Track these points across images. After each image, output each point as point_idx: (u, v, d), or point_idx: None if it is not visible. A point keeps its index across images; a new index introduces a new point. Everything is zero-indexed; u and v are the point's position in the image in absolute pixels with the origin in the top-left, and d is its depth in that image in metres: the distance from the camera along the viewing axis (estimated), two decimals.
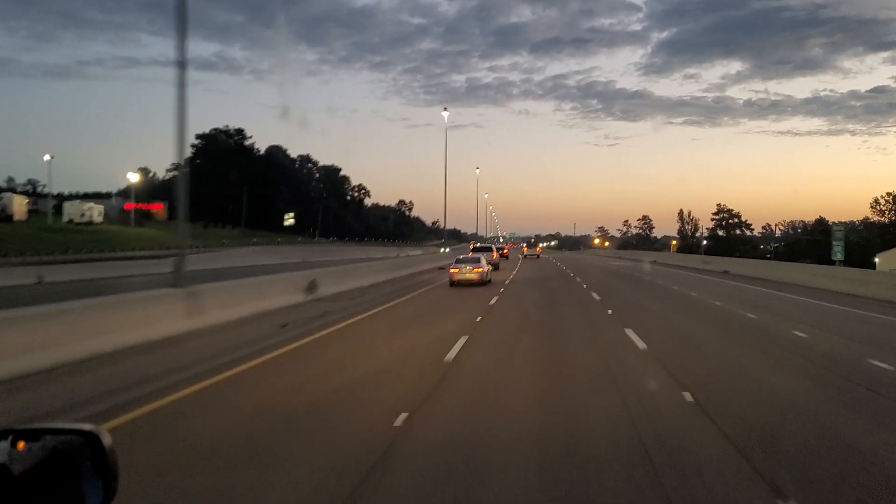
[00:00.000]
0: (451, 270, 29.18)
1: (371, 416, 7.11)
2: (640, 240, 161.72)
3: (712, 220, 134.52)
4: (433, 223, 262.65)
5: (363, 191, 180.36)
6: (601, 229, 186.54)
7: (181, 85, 14.32)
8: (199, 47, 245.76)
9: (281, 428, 6.68)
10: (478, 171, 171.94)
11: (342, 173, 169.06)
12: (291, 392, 8.35)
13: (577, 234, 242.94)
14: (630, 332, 13.53)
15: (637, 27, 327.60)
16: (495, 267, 39.54)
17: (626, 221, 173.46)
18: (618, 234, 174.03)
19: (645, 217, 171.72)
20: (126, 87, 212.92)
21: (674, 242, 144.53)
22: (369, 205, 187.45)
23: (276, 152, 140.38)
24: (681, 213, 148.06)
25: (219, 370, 9.53)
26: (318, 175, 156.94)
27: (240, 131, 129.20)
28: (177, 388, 8.34)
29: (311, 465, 5.46)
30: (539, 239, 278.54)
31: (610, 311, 18.24)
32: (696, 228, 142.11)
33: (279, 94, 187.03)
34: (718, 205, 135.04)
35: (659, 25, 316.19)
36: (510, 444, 6.07)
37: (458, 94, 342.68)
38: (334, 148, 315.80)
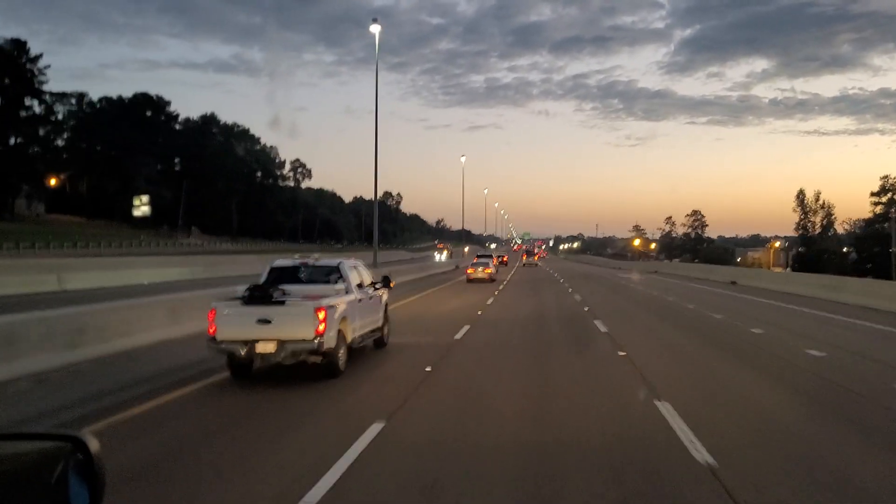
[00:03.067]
0: (468, 271, 38.25)
1: (468, 311, 19.03)
2: (695, 241, 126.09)
3: (873, 202, 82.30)
4: (438, 222, 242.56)
5: (300, 170, 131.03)
6: (636, 228, 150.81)
7: None
8: (217, 49, 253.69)
9: (426, 322, 18.55)
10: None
11: (265, 142, 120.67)
12: (423, 311, 20.26)
13: (600, 235, 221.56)
14: None
15: (660, 25, 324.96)
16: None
17: (670, 218, 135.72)
18: (656, 235, 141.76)
19: (696, 213, 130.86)
20: (145, 89, 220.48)
21: (776, 244, 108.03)
22: (349, 199, 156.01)
23: (142, 102, 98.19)
24: (800, 196, 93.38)
25: None
26: (220, 141, 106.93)
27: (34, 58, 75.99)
28: None
29: (445, 329, 16.73)
30: (559, 240, 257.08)
31: None
32: (829, 221, 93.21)
33: (270, 100, 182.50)
34: (885, 177, 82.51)
35: (682, 23, 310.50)
36: (519, 321, 17.93)
37: (476, 94, 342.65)
38: (350, 147, 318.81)
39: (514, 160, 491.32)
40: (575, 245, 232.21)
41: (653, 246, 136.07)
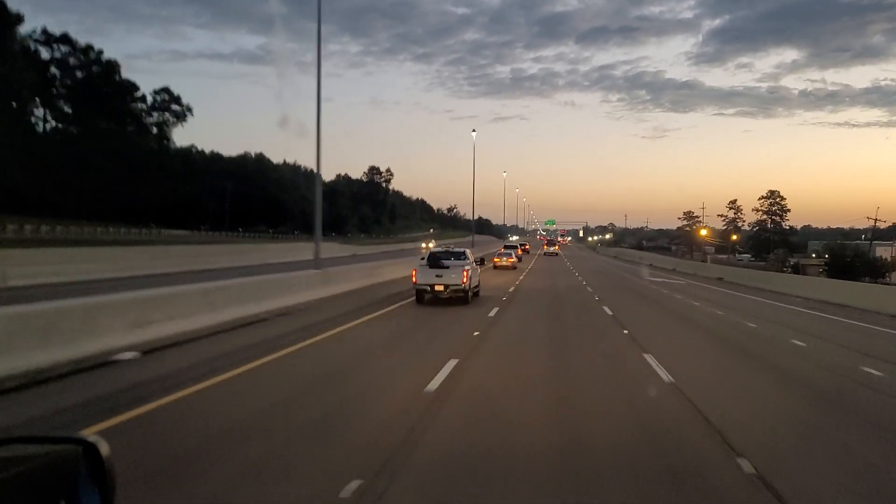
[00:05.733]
0: (494, 260, 44.41)
1: (506, 284, 28.94)
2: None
3: None
4: (449, 209, 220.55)
5: (172, 109, 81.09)
6: (689, 216, 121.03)
7: None
8: (243, 40, 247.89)
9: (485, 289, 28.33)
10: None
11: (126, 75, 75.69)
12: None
13: (630, 226, 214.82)
14: None
15: (688, 14, 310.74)
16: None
17: (734, 202, 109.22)
18: (709, 224, 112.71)
19: (773, 193, 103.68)
20: (171, 80, 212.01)
21: None
22: (336, 176, 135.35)
23: None
24: None
25: None
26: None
27: None
28: None
29: (500, 289, 26.70)
30: (588, 231, 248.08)
31: None
32: None
33: (279, 97, 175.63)
34: None
35: (711, 13, 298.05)
36: (541, 294, 27.78)
37: (502, 85, 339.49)
38: (376, 139, 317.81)
39: (541, 151, 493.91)
40: (607, 236, 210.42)
41: (734, 237, 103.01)
